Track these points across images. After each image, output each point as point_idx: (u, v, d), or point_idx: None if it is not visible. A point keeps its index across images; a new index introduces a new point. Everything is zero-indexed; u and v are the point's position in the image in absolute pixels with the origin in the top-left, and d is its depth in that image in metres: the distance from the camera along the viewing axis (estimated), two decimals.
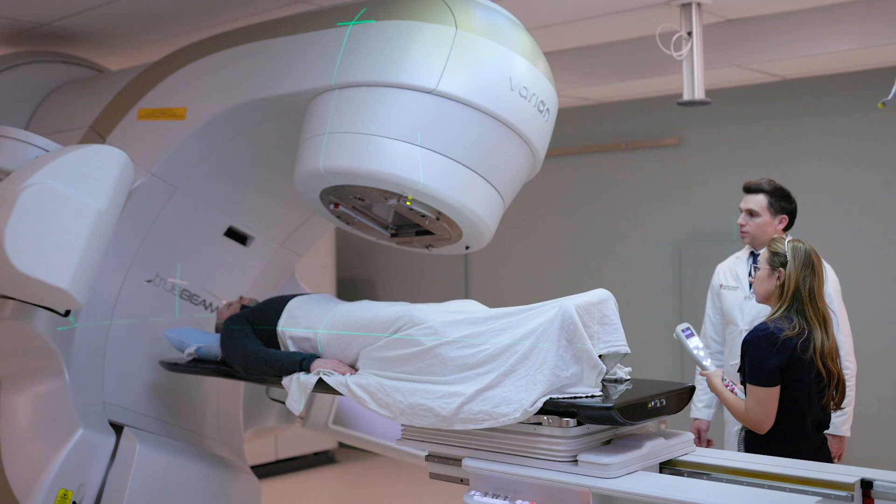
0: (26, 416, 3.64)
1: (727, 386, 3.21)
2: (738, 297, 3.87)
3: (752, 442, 3.18)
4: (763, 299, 3.24)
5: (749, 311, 3.80)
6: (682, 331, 3.29)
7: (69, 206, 3.16)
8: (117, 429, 3.73)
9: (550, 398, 2.70)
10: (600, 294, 2.92)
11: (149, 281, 3.93)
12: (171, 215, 3.90)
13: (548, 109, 3.38)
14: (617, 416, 2.61)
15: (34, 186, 3.12)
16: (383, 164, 3.16)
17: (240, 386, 4.35)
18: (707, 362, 3.27)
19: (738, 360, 3.82)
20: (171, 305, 4.03)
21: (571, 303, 2.81)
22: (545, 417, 2.69)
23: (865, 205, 5.58)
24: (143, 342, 3.95)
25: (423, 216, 3.32)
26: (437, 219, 3.32)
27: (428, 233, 3.49)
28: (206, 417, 4.22)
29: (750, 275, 3.16)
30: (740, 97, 5.94)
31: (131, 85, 4.03)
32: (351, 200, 3.46)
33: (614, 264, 6.59)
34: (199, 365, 3.73)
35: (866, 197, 5.58)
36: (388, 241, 3.67)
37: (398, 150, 3.16)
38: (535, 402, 2.68)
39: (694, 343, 3.27)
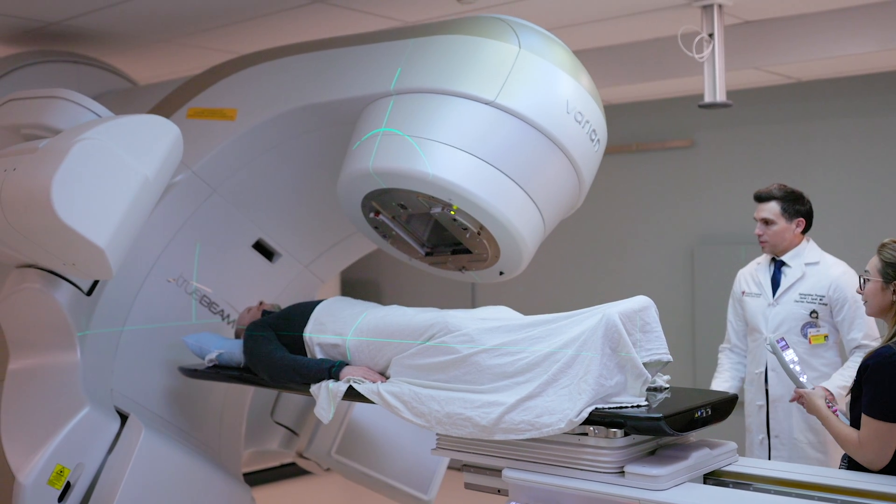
0: (32, 386, 3.58)
1: (832, 409, 2.94)
2: (761, 304, 3.81)
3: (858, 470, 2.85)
4: (876, 314, 2.95)
5: (773, 319, 3.75)
6: (777, 342, 3.07)
7: (119, 166, 3.11)
8: (121, 418, 3.67)
9: (596, 408, 2.64)
10: (642, 301, 2.86)
11: (171, 280, 3.87)
12: (204, 217, 3.86)
13: (598, 140, 3.41)
14: (666, 426, 2.57)
15: (88, 140, 3.07)
16: (433, 168, 3.14)
17: (246, 399, 4.26)
18: (804, 378, 3.04)
19: (762, 369, 3.78)
20: (189, 309, 3.96)
21: (615, 310, 2.75)
22: (591, 428, 2.64)
23: (882, 208, 5.55)
24: (157, 338, 3.90)
25: (465, 229, 3.28)
26: (479, 233, 3.28)
27: (463, 252, 3.46)
28: (209, 425, 4.15)
29: (861, 286, 2.95)
30: (753, 99, 5.91)
31: (183, 87, 4.02)
32: (393, 208, 3.42)
33: (625, 267, 6.55)
34: (221, 371, 3.65)
35: (883, 200, 5.56)
36: (422, 260, 3.63)
37: (450, 155, 3.15)
38: (581, 412, 2.62)
39: (790, 356, 3.05)
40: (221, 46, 5.00)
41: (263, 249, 4.12)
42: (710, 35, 4.41)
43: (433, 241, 3.58)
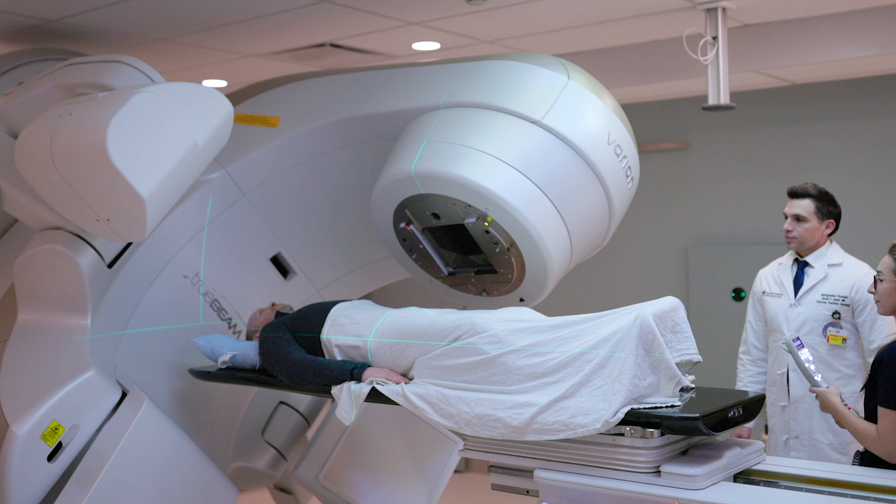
0: (39, 341, 3.56)
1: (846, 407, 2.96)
2: (782, 304, 3.83)
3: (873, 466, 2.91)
4: (889, 313, 3.04)
5: (795, 319, 3.77)
6: (793, 341, 3.08)
7: (173, 125, 3.14)
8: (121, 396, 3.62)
9: (631, 408, 2.65)
10: (671, 302, 2.87)
11: (186, 277, 3.86)
12: (229, 220, 3.86)
13: (632, 178, 3.53)
14: (703, 426, 2.58)
15: (149, 94, 3.12)
16: (477, 175, 3.19)
17: (241, 409, 4.21)
18: (819, 377, 3.03)
19: (784, 370, 3.82)
20: (197, 308, 3.93)
21: (648, 311, 2.76)
22: (627, 428, 2.65)
23: (878, 210, 5.62)
24: (165, 331, 3.89)
25: (496, 243, 3.30)
26: (508, 249, 3.30)
27: (487, 273, 3.48)
28: (201, 428, 4.10)
29: (875, 287, 3.01)
30: (747, 101, 5.96)
31: (229, 96, 4.01)
32: (426, 219, 3.44)
33: (620, 267, 6.58)
34: (236, 373, 3.61)
35: (879, 202, 5.63)
36: (443, 281, 3.65)
37: (492, 165, 3.22)
38: (617, 412, 2.63)
39: (805, 355, 3.06)
40: (223, 46, 4.96)
41: (279, 265, 4.13)
42: (714, 38, 4.45)
43: (457, 262, 3.61)
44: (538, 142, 3.29)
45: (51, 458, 3.34)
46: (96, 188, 3.11)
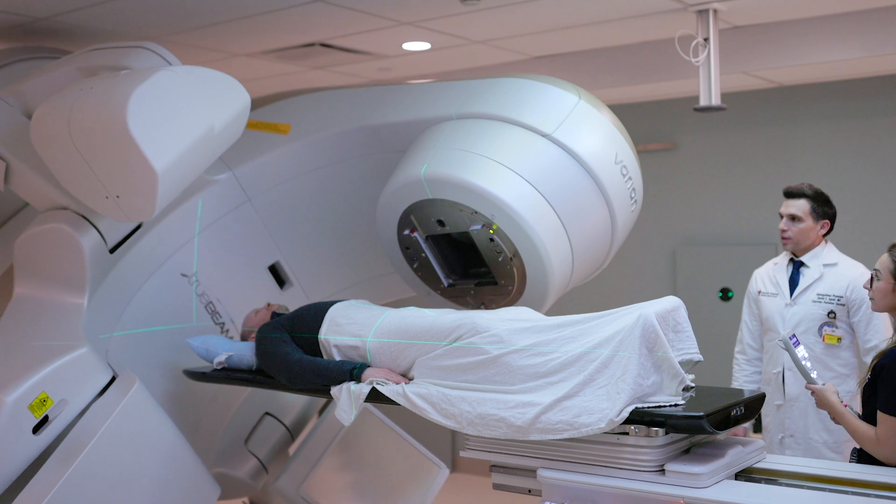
0: (34, 314, 3.54)
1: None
2: (778, 304, 3.86)
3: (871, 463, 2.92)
4: (882, 310, 3.06)
5: (791, 319, 3.80)
6: (790, 338, 3.09)
7: (193, 105, 3.17)
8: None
9: (635, 408, 2.66)
10: (673, 301, 2.90)
11: (184, 276, 3.85)
12: (231, 224, 3.87)
13: (635, 201, 3.63)
14: (707, 425, 2.60)
15: (172, 72, 3.17)
16: (486, 182, 3.24)
17: (228, 413, 4.18)
18: (814, 374, 3.05)
19: (780, 369, 3.85)
20: (191, 309, 3.91)
21: (651, 310, 2.78)
22: (631, 427, 2.66)
23: (868, 209, 5.67)
24: (159, 327, 3.89)
25: (499, 253, 3.33)
26: (511, 259, 3.32)
27: (487, 285, 3.50)
28: (187, 425, 4.05)
29: (871, 284, 3.03)
30: (734, 103, 6.00)
31: None
32: (430, 226, 3.45)
33: (608, 268, 6.58)
34: (232, 374, 3.59)
35: (869, 202, 5.68)
36: (442, 293, 3.67)
37: (502, 173, 3.27)
38: (621, 411, 2.64)
39: (801, 352, 3.08)
40: (211, 45, 4.93)
41: (277, 275, 4.14)
42: (706, 39, 4.47)
43: (458, 273, 3.63)
44: (547, 155, 3.36)
45: (36, 430, 3.30)
46: (110, 161, 3.11)
